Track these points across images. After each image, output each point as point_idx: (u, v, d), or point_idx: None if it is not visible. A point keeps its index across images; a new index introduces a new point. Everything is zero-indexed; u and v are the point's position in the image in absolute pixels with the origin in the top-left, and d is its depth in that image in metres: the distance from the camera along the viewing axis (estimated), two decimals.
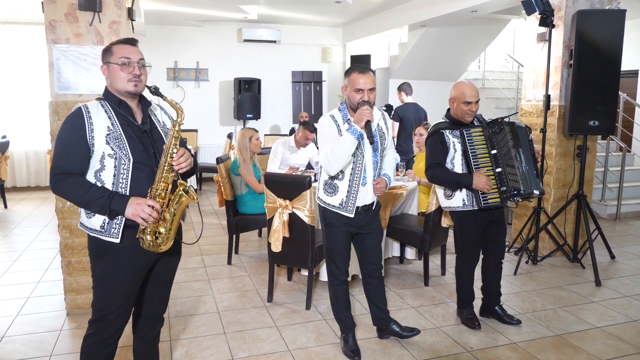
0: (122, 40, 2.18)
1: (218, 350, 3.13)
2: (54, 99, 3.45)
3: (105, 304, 2.18)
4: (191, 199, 2.13)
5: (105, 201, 2.02)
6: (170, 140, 2.11)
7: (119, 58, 2.10)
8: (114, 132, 2.09)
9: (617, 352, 3.15)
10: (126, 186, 2.10)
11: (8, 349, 3.15)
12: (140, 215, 2.02)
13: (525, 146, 3.26)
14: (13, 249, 5.34)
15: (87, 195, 2.03)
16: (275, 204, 3.68)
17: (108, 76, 2.16)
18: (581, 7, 4.66)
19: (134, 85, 2.12)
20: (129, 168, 2.10)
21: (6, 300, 3.93)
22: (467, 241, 3.41)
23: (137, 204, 2.03)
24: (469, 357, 3.07)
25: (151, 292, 2.35)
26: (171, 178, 2.12)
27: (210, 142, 9.44)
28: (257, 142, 4.73)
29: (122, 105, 2.16)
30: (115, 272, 2.16)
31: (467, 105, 3.21)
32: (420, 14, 7.35)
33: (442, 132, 3.26)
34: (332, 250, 3.04)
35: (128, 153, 2.09)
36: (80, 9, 3.37)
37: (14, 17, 8.16)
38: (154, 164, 2.15)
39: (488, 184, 3.14)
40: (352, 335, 3.13)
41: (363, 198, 2.93)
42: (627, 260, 5.00)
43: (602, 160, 6.91)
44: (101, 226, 2.11)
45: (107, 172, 2.09)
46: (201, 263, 4.80)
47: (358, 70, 2.82)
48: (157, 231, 2.11)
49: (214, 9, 8.09)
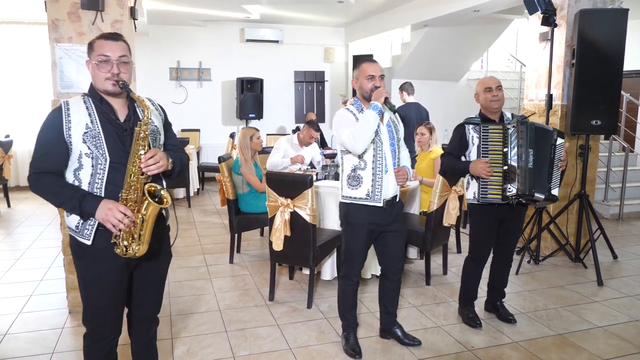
0: (103, 36, 2.08)
1: (219, 348, 3.14)
2: (57, 98, 3.46)
3: (91, 303, 2.15)
4: (162, 205, 2.02)
5: (76, 202, 1.96)
6: (137, 141, 2.01)
7: (97, 56, 2.02)
8: (92, 130, 2.01)
9: (619, 351, 3.14)
10: (101, 187, 2.03)
11: (11, 347, 3.17)
12: (109, 220, 1.94)
13: (544, 149, 3.18)
14: (16, 247, 5.37)
15: (59, 196, 1.99)
16: (277, 203, 3.69)
17: (91, 72, 2.08)
18: (583, 7, 4.65)
19: (112, 84, 2.02)
20: (105, 168, 2.02)
21: (9, 298, 3.95)
22: (475, 236, 3.43)
23: (109, 208, 1.95)
24: (470, 356, 3.07)
25: (141, 294, 2.29)
26: (141, 181, 2.01)
27: (212, 142, 9.45)
28: (258, 141, 4.74)
29: (104, 102, 2.08)
30: (94, 274, 2.10)
31: (489, 92, 3.26)
32: (422, 13, 7.35)
33: (464, 126, 3.31)
34: (350, 250, 3.03)
35: (105, 152, 2.02)
36: (82, 8, 3.38)
37: (17, 16, 8.18)
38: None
39: (486, 169, 3.13)
40: (354, 334, 3.14)
41: (387, 188, 2.91)
42: (630, 260, 4.99)
43: (605, 160, 6.90)
44: (76, 226, 2.06)
45: (85, 171, 2.03)
46: (203, 262, 4.81)
47: (367, 61, 2.97)
48: (132, 237, 2.02)
49: (217, 9, 8.11)
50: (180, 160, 2.25)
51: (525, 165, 3.10)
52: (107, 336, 2.20)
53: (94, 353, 2.22)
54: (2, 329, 3.40)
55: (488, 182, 3.20)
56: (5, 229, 6.10)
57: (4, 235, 5.82)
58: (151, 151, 2.03)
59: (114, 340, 2.24)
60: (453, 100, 9.46)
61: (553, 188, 3.23)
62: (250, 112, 9.20)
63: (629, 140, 7.75)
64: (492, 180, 3.19)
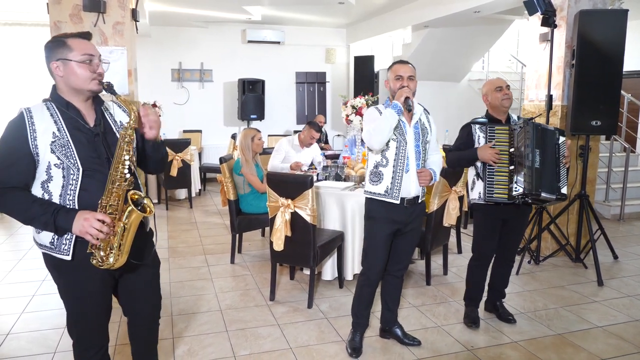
0: (78, 35, 1.96)
1: (220, 348, 3.16)
2: None
3: (75, 315, 2.06)
4: (145, 214, 1.92)
5: (49, 218, 1.82)
6: (122, 146, 1.91)
7: (82, 55, 1.90)
8: (60, 139, 1.87)
9: (618, 351, 3.15)
10: (74, 198, 1.90)
11: (13, 346, 3.19)
12: (88, 232, 1.81)
13: (549, 148, 3.19)
14: (18, 247, 5.39)
15: (29, 212, 1.84)
16: (278, 203, 3.71)
17: (63, 74, 1.91)
18: (583, 7, 4.66)
19: (97, 83, 1.93)
20: (78, 178, 1.89)
21: (11, 298, 3.97)
22: (478, 236, 3.45)
23: (85, 219, 1.82)
24: (470, 356, 3.09)
25: (132, 302, 2.22)
26: (124, 188, 1.91)
27: (214, 143, 9.48)
28: (260, 142, 4.76)
29: (70, 107, 1.94)
30: (76, 286, 2.01)
31: (500, 91, 3.29)
32: (423, 14, 7.37)
33: (471, 126, 3.34)
34: (370, 245, 3.03)
35: (77, 162, 1.89)
36: (84, 10, 3.42)
37: (18, 18, 8.23)
38: (108, 170, 1.92)
39: (494, 155, 3.16)
40: (360, 334, 3.14)
41: (407, 187, 2.92)
42: (630, 260, 4.99)
43: (606, 161, 6.90)
44: (50, 242, 1.93)
45: (55, 182, 1.89)
46: (204, 262, 4.83)
47: (399, 62, 3.01)
48: (110, 247, 1.90)
49: (218, 10, 8.14)
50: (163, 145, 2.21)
51: (532, 165, 3.10)
52: (95, 345, 2.12)
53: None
54: (5, 329, 3.42)
55: (494, 182, 3.21)
56: (8, 230, 6.13)
57: (6, 236, 5.86)
58: (144, 108, 2.01)
59: (103, 349, 2.16)
60: (454, 100, 9.49)
61: (562, 187, 3.24)
62: (251, 113, 9.23)
63: (630, 140, 7.75)
64: (498, 180, 3.20)
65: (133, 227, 1.93)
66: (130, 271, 2.09)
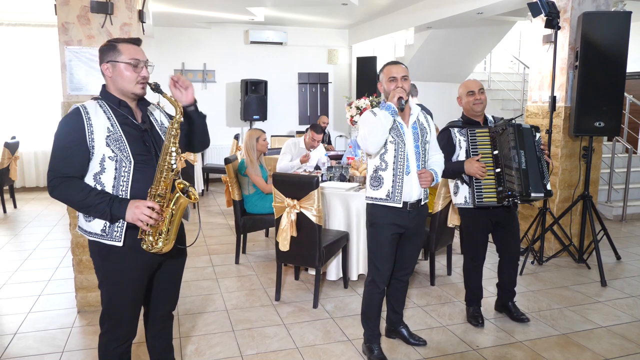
0: (129, 40, 2.13)
1: (227, 347, 3.18)
2: (66, 100, 3.51)
3: (113, 303, 2.18)
4: (191, 200, 2.08)
5: (105, 207, 1.99)
6: (169, 138, 2.07)
7: (130, 59, 2.06)
8: (113, 134, 2.05)
9: (622, 351, 3.17)
10: (127, 188, 2.07)
11: (21, 345, 3.21)
12: (139, 218, 1.99)
13: (530, 147, 3.22)
14: (23, 247, 5.41)
15: (86, 200, 1.99)
16: (283, 204, 3.73)
17: (112, 75, 2.09)
18: (587, 9, 4.68)
19: (141, 87, 2.10)
20: (130, 170, 2.06)
21: (18, 298, 3.99)
22: (469, 240, 3.48)
23: (136, 207, 1.99)
24: (475, 356, 3.11)
25: (159, 292, 2.35)
26: (171, 177, 2.07)
27: (217, 144, 9.48)
28: (264, 142, 4.78)
29: (122, 105, 2.11)
30: (120, 274, 2.14)
31: (472, 96, 3.32)
32: (426, 15, 7.39)
33: (449, 130, 3.35)
34: (375, 252, 2.97)
35: (129, 155, 2.06)
36: (92, 12, 3.43)
37: (23, 19, 8.25)
38: (156, 163, 2.11)
39: (480, 169, 3.16)
40: (378, 345, 3.05)
41: (409, 190, 2.88)
42: (633, 261, 5.01)
43: (608, 162, 6.92)
44: (102, 230, 2.08)
45: (107, 174, 2.05)
46: (209, 262, 4.85)
47: (391, 63, 2.96)
48: (159, 233, 2.07)
49: (221, 11, 8.16)
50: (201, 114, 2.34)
51: (519, 167, 3.13)
52: (124, 337, 2.23)
53: (109, 353, 2.24)
54: (12, 329, 3.44)
55: (482, 186, 3.23)
56: (12, 230, 6.15)
57: (11, 236, 5.88)
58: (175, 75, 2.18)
59: (129, 342, 2.27)
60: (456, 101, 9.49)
61: (546, 183, 3.26)
62: (254, 113, 9.25)
63: (632, 141, 7.77)
64: (485, 184, 3.22)
65: (179, 213, 2.09)
66: (169, 260, 2.24)
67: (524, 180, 3.13)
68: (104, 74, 2.11)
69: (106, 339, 2.23)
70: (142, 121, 2.16)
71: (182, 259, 2.37)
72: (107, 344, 2.24)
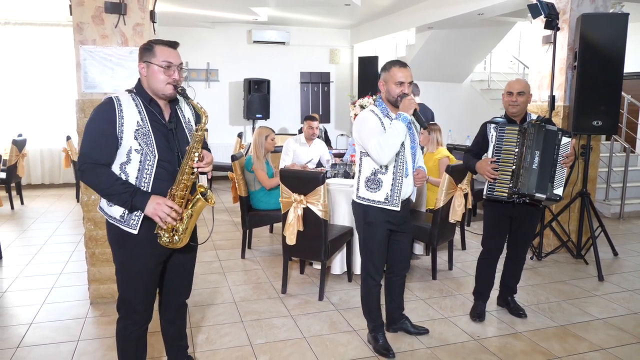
0: (165, 42, 2.21)
1: (237, 337, 3.29)
2: (81, 98, 3.61)
3: (128, 289, 2.30)
4: (208, 203, 2.20)
5: (128, 197, 2.09)
6: (194, 143, 2.19)
7: (162, 61, 2.15)
8: (142, 128, 2.14)
9: (618, 341, 3.28)
10: (149, 182, 2.16)
11: (38, 335, 3.32)
12: (158, 215, 2.10)
13: (548, 149, 3.25)
14: (32, 242, 5.52)
15: (112, 188, 2.10)
16: (290, 199, 3.84)
17: (146, 75, 2.18)
18: (585, 11, 4.80)
19: (172, 89, 2.17)
20: (153, 165, 2.16)
21: (31, 290, 4.10)
22: (486, 232, 3.57)
23: (157, 203, 2.10)
24: (476, 345, 3.22)
25: (173, 281, 2.46)
26: (191, 180, 2.19)
27: (220, 142, 9.56)
28: (272, 141, 4.89)
29: (153, 103, 2.21)
30: (134, 261, 2.25)
31: (510, 96, 3.37)
32: (427, 16, 7.50)
33: (487, 125, 3.44)
34: (371, 250, 3.05)
35: (154, 150, 2.15)
36: (106, 12, 3.53)
37: (32, 18, 8.32)
38: (177, 163, 2.21)
39: (489, 171, 3.26)
40: (382, 334, 3.15)
41: (405, 191, 2.97)
42: (630, 257, 5.13)
43: (607, 161, 7.04)
44: (121, 216, 2.19)
45: (132, 166, 2.15)
46: (216, 257, 4.96)
47: (398, 65, 2.90)
48: (174, 229, 2.19)
49: (225, 11, 8.26)
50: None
51: (530, 166, 3.22)
52: (139, 321, 2.35)
53: (127, 337, 2.37)
54: (28, 319, 3.55)
55: (497, 180, 3.32)
56: (21, 226, 6.25)
57: (19, 232, 5.98)
58: (209, 156, 2.28)
59: (145, 326, 2.39)
60: (457, 101, 9.62)
61: (556, 188, 3.27)
62: (257, 112, 9.36)
63: (630, 141, 7.88)
64: (500, 178, 3.31)
65: (197, 213, 2.23)
66: (180, 252, 2.34)
67: (530, 180, 3.22)
68: (140, 73, 2.21)
69: (123, 323, 2.36)
70: (169, 120, 2.26)
71: (194, 249, 2.48)
72: (124, 328, 2.36)
